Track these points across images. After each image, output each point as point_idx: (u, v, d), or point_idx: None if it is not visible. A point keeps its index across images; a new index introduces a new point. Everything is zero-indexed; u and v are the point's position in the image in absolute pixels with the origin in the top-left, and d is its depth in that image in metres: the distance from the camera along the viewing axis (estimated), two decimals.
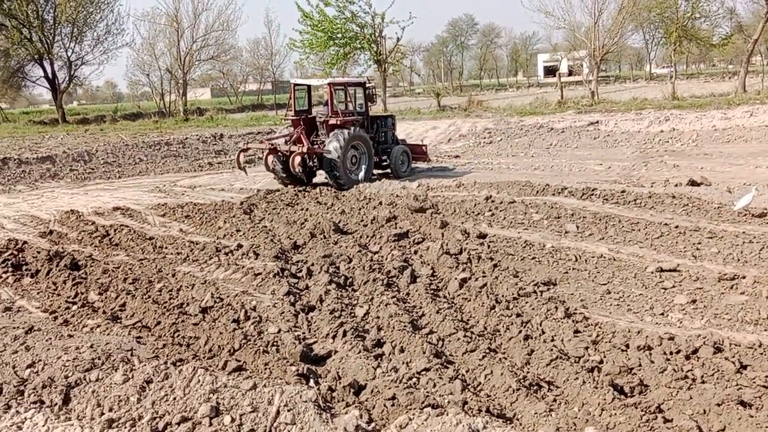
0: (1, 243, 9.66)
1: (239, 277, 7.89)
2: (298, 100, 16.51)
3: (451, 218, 10.39)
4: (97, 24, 48.73)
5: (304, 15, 38.26)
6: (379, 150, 17.01)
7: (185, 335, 5.89)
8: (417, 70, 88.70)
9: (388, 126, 17.60)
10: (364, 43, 38.87)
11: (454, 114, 32.82)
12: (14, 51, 46.76)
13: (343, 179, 15.17)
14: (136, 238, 10.31)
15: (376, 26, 38.42)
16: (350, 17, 37.96)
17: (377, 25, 38.36)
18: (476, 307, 6.37)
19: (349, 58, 40.91)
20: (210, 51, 50.96)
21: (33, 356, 4.55)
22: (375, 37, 38.81)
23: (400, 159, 16.99)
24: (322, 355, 5.37)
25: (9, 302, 6.92)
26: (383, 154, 17.09)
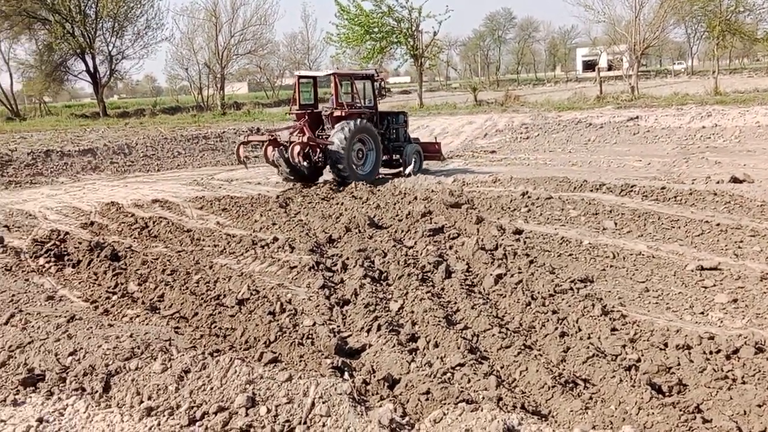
0: (44, 233, 9.89)
1: (275, 269, 7.96)
2: (303, 93, 16.02)
3: (486, 214, 10.33)
4: (138, 19, 49.60)
5: (341, 9, 38.39)
6: (390, 148, 16.59)
7: (222, 326, 5.96)
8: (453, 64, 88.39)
9: (400, 123, 17.09)
10: (400, 38, 38.83)
11: (491, 109, 32.59)
12: (57, 45, 47.80)
13: (347, 172, 14.65)
14: (175, 230, 10.46)
15: (412, 20, 38.34)
16: (387, 11, 37.96)
17: (414, 19, 38.29)
18: (512, 303, 6.32)
19: (385, 52, 40.91)
20: (247, 45, 51.51)
21: (75, 344, 4.65)
22: (411, 32, 38.74)
23: (412, 158, 16.44)
24: (356, 349, 5.39)
25: (51, 291, 7.08)
26: (395, 152, 16.67)
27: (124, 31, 49.59)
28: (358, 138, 15.06)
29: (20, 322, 5.33)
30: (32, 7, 47.29)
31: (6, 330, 5.18)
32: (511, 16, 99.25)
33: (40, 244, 9.07)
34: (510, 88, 55.99)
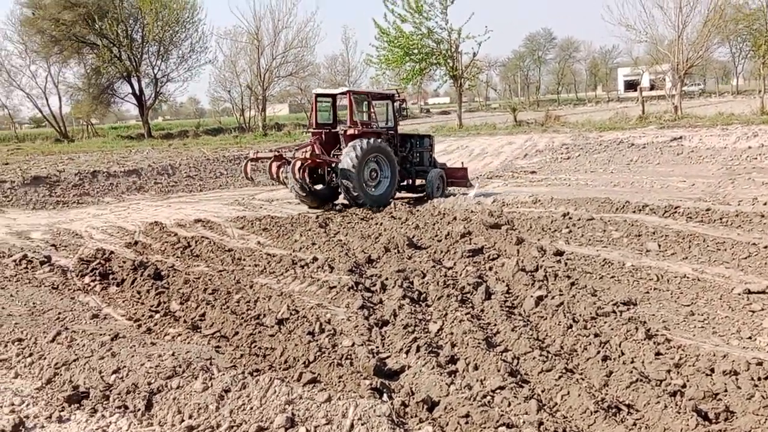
0: (89, 253, 10.11)
1: (314, 289, 7.99)
2: (321, 113, 15.64)
3: (526, 235, 10.24)
4: (182, 42, 50.81)
5: (381, 31, 38.79)
6: (413, 172, 16.19)
7: (262, 346, 5.99)
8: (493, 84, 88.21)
9: (425, 147, 16.63)
10: (440, 59, 39.02)
11: (531, 129, 32.43)
12: (105, 69, 49.19)
13: (356, 192, 14.24)
14: (216, 249, 10.60)
15: (452, 42, 38.50)
16: (426, 33, 38.22)
17: (453, 40, 38.45)
18: (553, 325, 6.23)
19: (424, 73, 41.13)
20: (289, 68, 52.22)
21: (118, 362, 4.73)
22: (451, 53, 38.89)
23: (436, 183, 15.96)
24: (395, 370, 5.36)
25: (96, 310, 7.23)
26: (417, 177, 16.22)
27: (169, 54, 50.85)
28: (372, 158, 14.69)
29: (66, 340, 5.45)
30: (81, 32, 48.86)
31: (52, 347, 5.30)
32: (551, 36, 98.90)
33: (86, 263, 9.27)
34: (550, 108, 55.61)
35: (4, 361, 5.32)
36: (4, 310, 6.84)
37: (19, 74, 53.26)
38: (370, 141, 14.51)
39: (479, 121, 42.76)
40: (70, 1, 47.28)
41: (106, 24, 47.09)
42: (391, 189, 15.15)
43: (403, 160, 16.00)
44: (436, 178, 16.01)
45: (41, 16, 48.34)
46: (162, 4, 46.93)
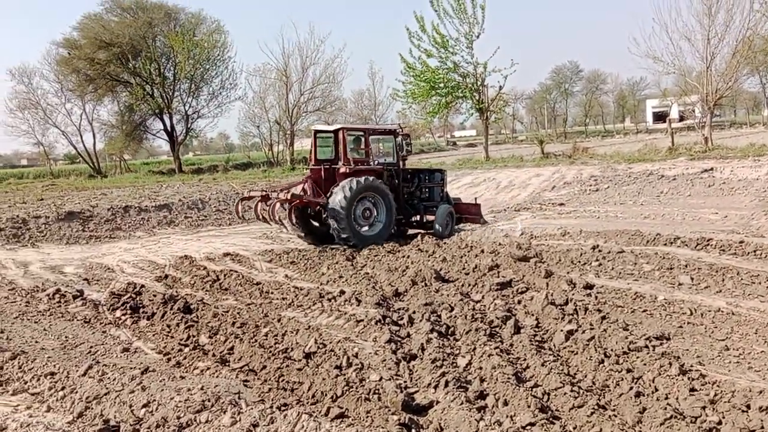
0: (121, 286, 10.24)
1: (342, 323, 7.98)
2: (321, 149, 15.29)
3: (555, 268, 10.14)
4: (213, 80, 51.84)
5: (407, 66, 39.19)
6: (421, 208, 15.74)
7: (290, 380, 5.99)
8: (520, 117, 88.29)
9: (435, 182, 16.20)
10: (466, 92, 39.22)
11: (559, 161, 32.30)
12: (137, 106, 50.37)
13: (346, 233, 13.82)
14: (244, 283, 10.67)
15: (478, 75, 38.71)
16: (452, 67, 38.50)
17: (479, 74, 38.66)
18: (584, 360, 6.14)
19: (451, 107, 41.35)
20: (316, 103, 52.86)
21: (148, 396, 4.76)
22: (477, 86, 39.08)
23: (445, 220, 15.38)
24: (423, 405, 5.31)
25: (127, 343, 7.29)
26: (426, 213, 15.70)
27: (200, 91, 51.89)
28: (365, 197, 14.34)
29: (97, 374, 5.50)
30: (115, 71, 50.17)
31: (84, 381, 5.35)
32: (578, 68, 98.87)
33: (117, 297, 9.39)
34: (578, 140, 55.44)
35: (37, 395, 5.39)
36: (38, 344, 6.94)
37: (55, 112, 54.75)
38: (361, 180, 14.12)
39: (506, 153, 42.76)
40: (105, 41, 48.66)
41: (140, 63, 48.31)
42: (386, 229, 14.70)
43: (411, 195, 15.78)
44: (442, 216, 15.38)
45: (77, 56, 49.77)
46: (193, 42, 48.07)
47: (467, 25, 37.40)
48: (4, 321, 7.94)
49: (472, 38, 37.57)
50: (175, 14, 52.27)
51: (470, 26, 37.36)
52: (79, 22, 50.93)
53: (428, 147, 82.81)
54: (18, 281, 11.47)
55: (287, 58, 49.29)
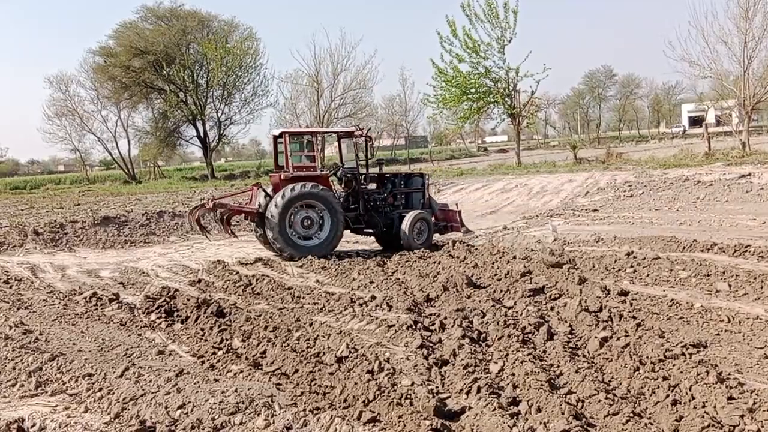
0: (155, 290, 10.38)
1: (373, 328, 7.98)
2: (281, 154, 14.49)
3: (589, 274, 10.03)
4: (245, 87, 52.50)
5: (438, 71, 39.18)
6: (395, 216, 14.65)
7: (321, 384, 6.01)
8: (552, 122, 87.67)
9: (413, 187, 15.12)
10: (497, 97, 39.06)
11: (592, 167, 31.99)
12: (171, 113, 51.16)
13: (280, 243, 13.41)
14: (276, 287, 10.75)
15: (510, 80, 38.53)
16: (484, 72, 38.39)
17: (511, 79, 38.48)
18: (618, 367, 6.05)
19: (482, 112, 41.20)
20: (347, 109, 53.19)
21: (183, 398, 4.82)
22: (509, 91, 38.89)
23: (415, 227, 14.25)
24: (455, 411, 5.28)
25: (162, 346, 7.39)
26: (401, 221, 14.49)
27: (232, 98, 52.55)
28: (304, 205, 13.71)
29: (133, 375, 5.59)
30: (150, 78, 51.05)
31: (120, 382, 5.44)
32: (612, 73, 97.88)
33: (152, 301, 9.51)
34: (611, 145, 54.84)
35: (75, 396, 5.49)
36: (75, 346, 7.07)
37: (91, 119, 55.96)
38: (296, 188, 13.52)
39: (538, 159, 42.46)
40: (140, 49, 49.56)
41: (174, 70, 49.08)
42: (330, 238, 13.92)
43: (382, 203, 14.78)
44: (409, 224, 14.19)
45: (112, 64, 50.76)
46: (226, 50, 48.67)
47: (499, 30, 37.33)
48: (42, 323, 8.11)
49: (503, 43, 37.47)
50: (209, 22, 53.07)
51: (502, 31, 37.28)
52: (115, 31, 52.08)
53: (459, 153, 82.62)
54: (56, 284, 11.71)
55: (318, 65, 49.70)
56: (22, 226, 18.51)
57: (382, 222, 14.68)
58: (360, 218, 14.65)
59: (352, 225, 14.67)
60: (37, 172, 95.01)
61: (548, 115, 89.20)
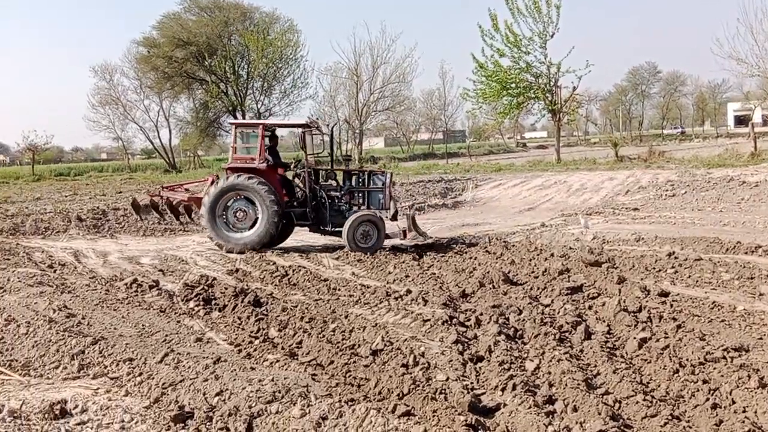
0: (194, 278, 10.54)
1: (408, 322, 7.98)
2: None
3: (629, 274, 9.88)
4: (285, 78, 52.90)
5: (478, 65, 38.89)
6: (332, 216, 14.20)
7: (356, 376, 6.04)
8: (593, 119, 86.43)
9: (374, 186, 14.37)
10: (538, 93, 38.67)
11: (633, 165, 31.49)
12: (212, 104, 51.81)
13: (211, 235, 13.70)
14: (312, 279, 10.82)
15: (551, 76, 38.08)
16: (525, 67, 38.01)
17: (552, 74, 38.03)
18: (657, 369, 5.96)
19: (522, 107, 40.82)
20: (386, 102, 53.19)
21: (221, 385, 4.89)
22: (550, 87, 38.45)
23: (359, 230, 13.62)
24: (490, 407, 5.26)
25: (200, 333, 7.50)
26: None
27: (272, 89, 52.99)
28: (244, 197, 13.79)
29: (173, 361, 5.68)
30: (192, 69, 51.76)
31: (160, 368, 5.54)
32: (656, 70, 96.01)
33: (191, 289, 9.66)
34: (654, 143, 53.88)
35: (116, 380, 5.61)
36: (116, 331, 7.21)
37: (134, 108, 57.04)
38: (230, 178, 13.67)
39: (578, 156, 41.94)
40: (183, 40, 50.25)
41: (215, 61, 49.69)
42: (261, 233, 13.79)
43: (338, 200, 14.36)
44: (352, 225, 13.64)
45: (155, 54, 51.59)
46: (267, 42, 49.05)
47: (541, 24, 36.91)
48: (85, 307, 8.29)
49: (546, 37, 37.05)
50: (250, 13, 53.55)
51: (544, 25, 36.85)
52: (159, 22, 52.86)
53: (497, 148, 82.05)
54: (98, 270, 11.96)
55: (358, 57, 49.77)
56: (66, 212, 18.94)
57: (332, 220, 14.25)
58: (308, 215, 14.37)
59: (296, 221, 14.53)
60: (81, 159, 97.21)
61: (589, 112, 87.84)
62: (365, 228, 13.67)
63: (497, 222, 19.19)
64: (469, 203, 25.41)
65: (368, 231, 13.69)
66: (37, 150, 49.58)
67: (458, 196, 26.58)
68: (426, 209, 23.42)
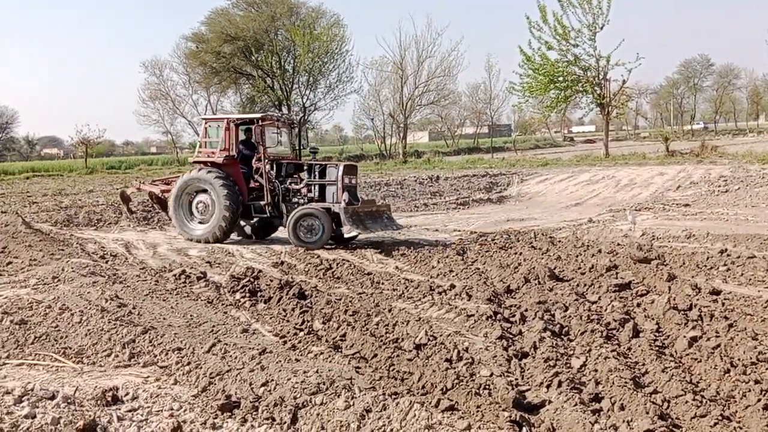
0: (240, 270, 10.69)
1: (452, 317, 7.96)
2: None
3: (679, 271, 9.67)
4: (330, 73, 53.12)
5: (525, 58, 38.45)
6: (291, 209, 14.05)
7: (400, 369, 6.05)
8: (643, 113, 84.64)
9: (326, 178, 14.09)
10: (586, 86, 38.04)
11: (685, 160, 30.78)
12: (259, 98, 52.45)
13: (175, 225, 14.50)
14: (356, 272, 10.87)
15: (600, 69, 37.41)
16: (573, 60, 37.43)
17: (602, 67, 37.36)
18: (708, 369, 5.82)
19: (569, 101, 40.24)
20: (431, 96, 53.06)
21: (267, 376, 4.97)
22: (599, 80, 37.78)
23: (302, 225, 13.47)
24: (535, 404, 5.22)
25: (246, 324, 7.61)
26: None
27: (317, 84, 53.35)
28: (199, 190, 14.33)
29: (220, 351, 5.79)
30: (239, 64, 52.43)
31: (208, 358, 5.65)
32: (709, 62, 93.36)
33: (237, 280, 9.80)
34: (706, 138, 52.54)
35: (165, 368, 5.74)
36: (165, 321, 7.38)
37: (183, 102, 58.05)
38: (192, 171, 14.46)
39: (627, 150, 41.11)
40: (230, 35, 50.93)
41: (262, 56, 50.24)
42: (215, 225, 14.16)
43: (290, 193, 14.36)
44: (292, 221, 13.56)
45: (204, 50, 52.41)
46: (313, 36, 49.36)
47: (591, 16, 36.26)
48: (135, 297, 8.49)
49: (595, 29, 36.41)
50: (297, 8, 53.96)
51: (594, 17, 36.20)
52: (207, 17, 53.65)
53: (543, 142, 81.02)
54: (148, 261, 12.24)
55: (403, 51, 49.71)
56: (118, 204, 19.39)
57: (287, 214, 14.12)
58: (265, 208, 14.49)
59: (254, 214, 14.78)
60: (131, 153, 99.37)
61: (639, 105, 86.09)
62: (309, 223, 13.52)
63: (543, 217, 19.00)
64: (515, 198, 25.20)
65: (312, 226, 13.51)
66: (90, 144, 50.85)
67: (503, 191, 26.40)
68: (470, 204, 23.32)
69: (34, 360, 6.09)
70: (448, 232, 16.23)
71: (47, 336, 6.75)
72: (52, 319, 7.24)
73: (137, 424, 4.40)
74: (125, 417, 4.55)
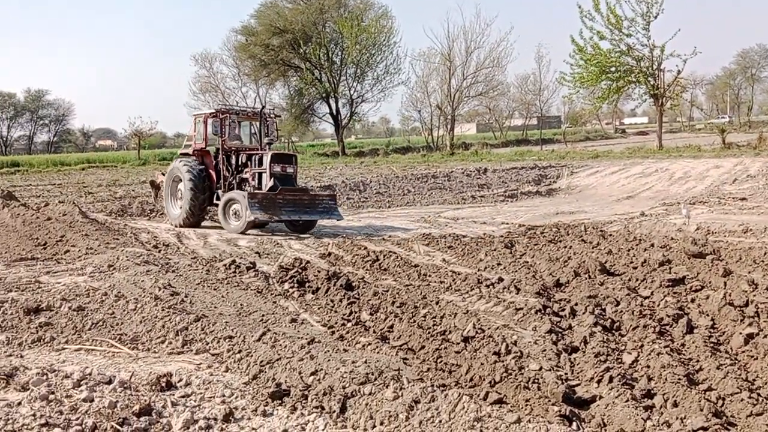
0: (288, 261, 10.82)
1: (500, 310, 7.91)
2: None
3: (735, 266, 9.39)
4: (378, 65, 53.15)
5: (577, 48, 37.79)
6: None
7: (448, 362, 6.04)
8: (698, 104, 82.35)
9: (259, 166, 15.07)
10: (639, 77, 37.17)
11: (742, 152, 29.87)
12: (306, 90, 52.84)
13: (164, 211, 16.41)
14: (403, 264, 10.87)
15: (654, 59, 36.52)
16: (626, 50, 36.63)
17: (656, 57, 36.46)
18: (764, 366, 5.65)
19: (621, 92, 39.40)
20: (479, 87, 52.63)
21: (316, 365, 5.02)
22: (652, 71, 36.89)
23: (231, 209, 14.53)
24: (585, 399, 5.15)
25: (295, 314, 7.70)
26: None
27: (365, 76, 53.45)
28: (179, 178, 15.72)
29: (270, 340, 5.87)
30: (287, 57, 52.87)
31: (258, 346, 5.74)
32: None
33: (285, 271, 9.92)
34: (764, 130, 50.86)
35: (217, 356, 5.86)
36: (216, 309, 7.52)
37: (232, 95, 58.86)
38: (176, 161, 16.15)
39: (681, 142, 40.14)
40: (279, 28, 51.39)
41: (310, 48, 50.53)
42: (186, 210, 15.44)
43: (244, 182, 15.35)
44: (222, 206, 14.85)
45: (253, 43, 53.00)
46: (361, 28, 49.44)
47: (645, 5, 35.38)
48: (187, 286, 8.68)
49: (649, 19, 35.54)
50: (345, 0, 54.04)
51: (648, 6, 35.31)
52: (257, 10, 54.20)
53: (594, 134, 79.58)
54: (199, 251, 12.49)
55: (452, 42, 49.38)
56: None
57: None
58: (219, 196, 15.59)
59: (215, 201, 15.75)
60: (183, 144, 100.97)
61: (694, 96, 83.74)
62: (235, 208, 14.56)
63: (593, 210, 18.70)
64: (564, 191, 24.86)
65: (237, 210, 14.49)
66: (143, 136, 52.03)
67: (552, 184, 26.07)
68: (519, 197, 23.10)
69: (92, 345, 6.28)
70: (495, 224, 16.11)
71: (104, 322, 6.96)
72: (108, 306, 7.46)
73: (190, 410, 4.50)
74: (179, 402, 4.66)
